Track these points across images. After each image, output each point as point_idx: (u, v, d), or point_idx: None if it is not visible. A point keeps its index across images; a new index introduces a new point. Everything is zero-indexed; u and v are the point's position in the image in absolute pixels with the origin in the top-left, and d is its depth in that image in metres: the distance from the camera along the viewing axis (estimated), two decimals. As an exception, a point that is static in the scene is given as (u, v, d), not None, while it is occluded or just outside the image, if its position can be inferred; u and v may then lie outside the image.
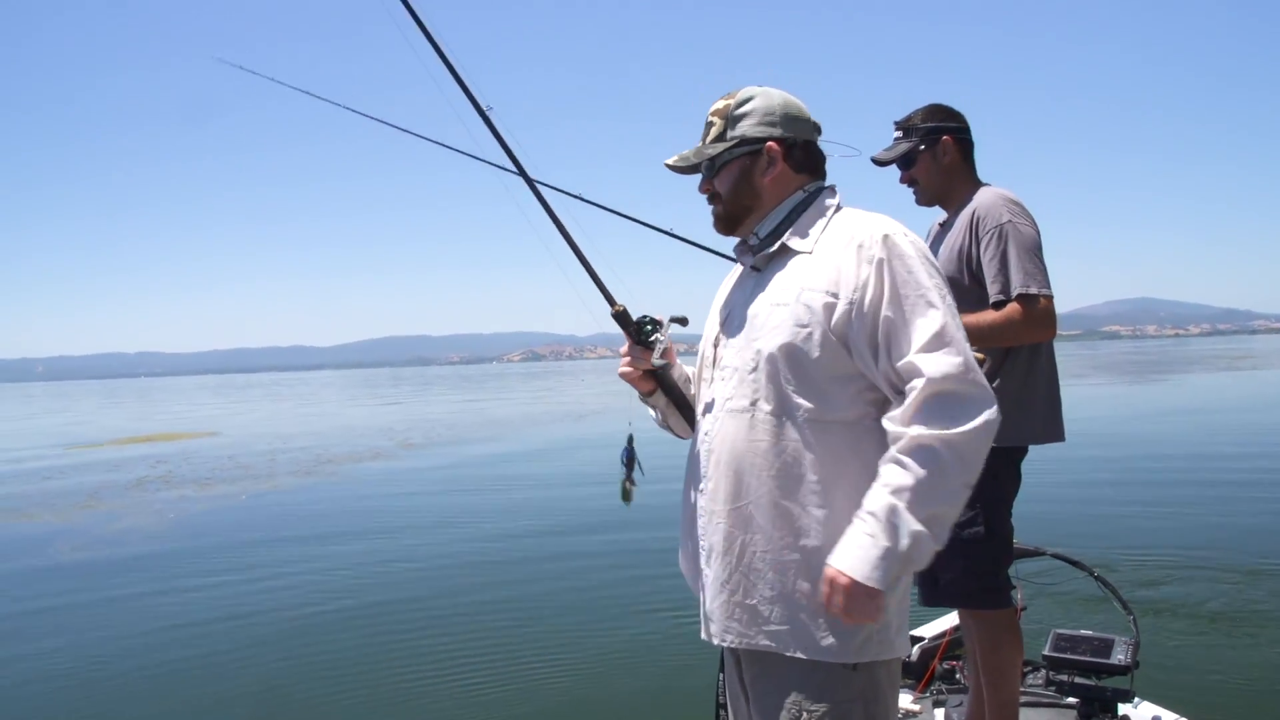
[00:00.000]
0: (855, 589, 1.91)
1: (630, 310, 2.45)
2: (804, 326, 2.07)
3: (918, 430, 1.92)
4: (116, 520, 13.02)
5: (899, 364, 1.98)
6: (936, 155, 3.41)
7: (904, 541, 1.90)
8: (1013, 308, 3.18)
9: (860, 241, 2.08)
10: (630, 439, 2.51)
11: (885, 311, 2.01)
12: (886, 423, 1.98)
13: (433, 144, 3.31)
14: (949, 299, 2.04)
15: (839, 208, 2.25)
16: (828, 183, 2.32)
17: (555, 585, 8.37)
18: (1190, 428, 20.36)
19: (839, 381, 2.06)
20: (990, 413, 1.94)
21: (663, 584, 7.80)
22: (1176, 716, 3.84)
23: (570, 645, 6.69)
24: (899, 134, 3.49)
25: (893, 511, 1.90)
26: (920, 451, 1.91)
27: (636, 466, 2.53)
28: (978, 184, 3.44)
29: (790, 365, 2.08)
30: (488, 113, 2.59)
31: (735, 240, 2.37)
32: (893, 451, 1.95)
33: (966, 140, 3.46)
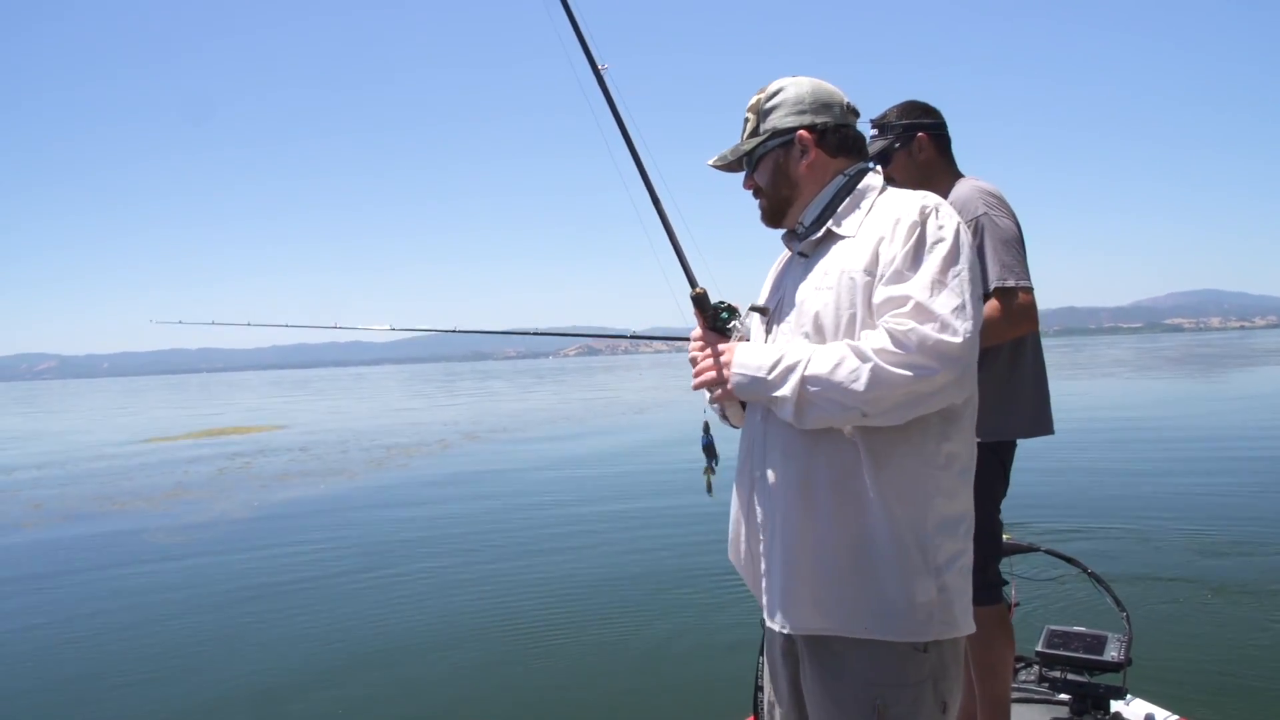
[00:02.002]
0: (722, 370, 2.17)
1: (710, 295, 2.40)
2: (848, 309, 2.08)
3: (873, 344, 1.96)
4: (205, 508, 13.76)
5: (904, 305, 1.99)
6: (912, 152, 3.39)
7: (777, 391, 2.04)
8: (991, 303, 3.12)
9: (898, 217, 2.08)
10: (706, 426, 2.45)
11: (903, 267, 2.03)
12: (877, 315, 2.03)
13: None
14: (970, 271, 2.04)
15: (884, 189, 2.24)
16: (871, 165, 2.33)
17: (605, 569, 8.86)
18: (1214, 421, 20.22)
19: None
20: (923, 382, 1.94)
21: (704, 566, 8.21)
22: (1168, 713, 3.85)
23: (612, 626, 7.07)
24: (874, 132, 3.46)
25: (792, 368, 2.02)
26: (855, 357, 1.96)
27: (716, 456, 2.46)
28: (957, 178, 3.41)
29: None
30: (602, 71, 2.56)
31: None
32: (849, 339, 2.03)
33: (942, 135, 3.42)
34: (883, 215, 2.12)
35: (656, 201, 2.47)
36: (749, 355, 2.11)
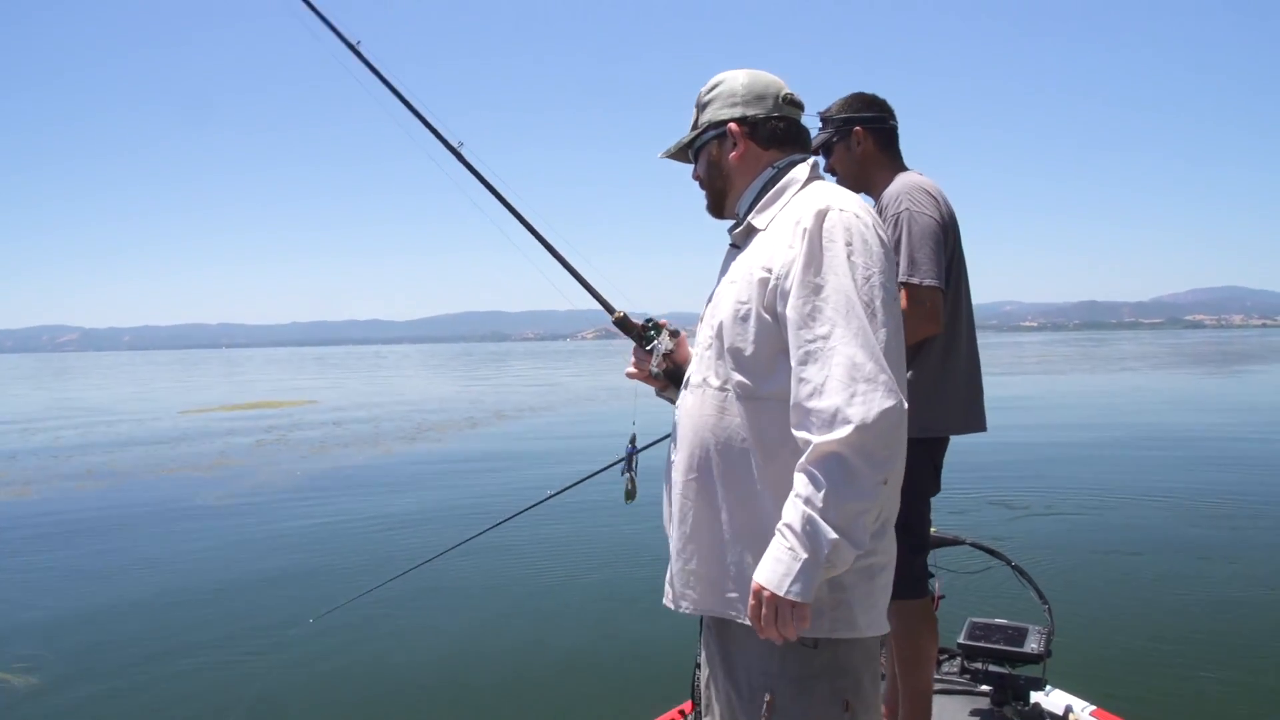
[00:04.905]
0: (778, 603, 1.90)
1: (631, 316, 2.55)
2: (744, 303, 2.07)
3: (818, 438, 1.88)
4: (250, 475, 14.48)
5: (794, 362, 1.97)
6: (850, 146, 3.37)
7: (822, 551, 1.86)
8: None
9: (799, 216, 2.05)
10: (633, 439, 2.54)
11: (794, 293, 1.98)
12: (794, 429, 1.95)
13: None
14: (862, 285, 1.97)
15: (808, 182, 2.21)
16: (805, 157, 2.28)
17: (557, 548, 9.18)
18: (1162, 419, 20.43)
19: (775, 358, 2.03)
20: (884, 404, 1.88)
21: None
22: (1086, 704, 3.89)
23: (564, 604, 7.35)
24: (821, 125, 3.45)
25: (808, 522, 1.87)
26: (826, 460, 1.87)
27: (635, 465, 2.54)
28: (899, 171, 3.37)
29: (730, 342, 2.09)
30: (459, 149, 2.70)
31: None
32: (802, 460, 1.91)
33: (883, 129, 3.39)
34: (792, 211, 2.10)
35: (561, 259, 2.69)
36: (775, 571, 1.92)
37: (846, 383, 1.88)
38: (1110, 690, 4.88)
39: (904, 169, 3.38)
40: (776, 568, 1.90)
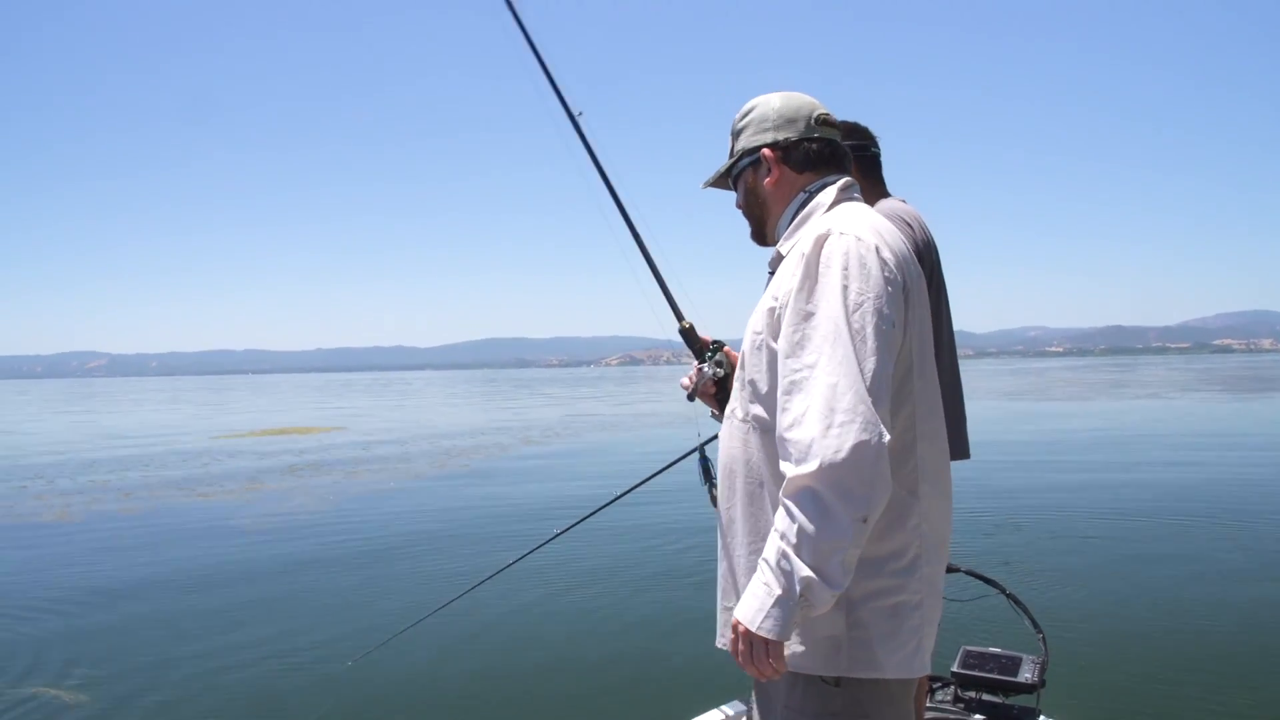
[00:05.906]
0: (752, 638, 1.87)
1: (698, 330, 2.54)
2: (759, 334, 2.04)
3: (793, 471, 1.82)
4: (286, 499, 14.65)
5: (779, 391, 1.93)
6: None
7: (795, 589, 1.81)
8: None
9: (802, 249, 2.00)
10: (702, 449, 2.49)
11: (786, 321, 1.95)
12: (780, 461, 1.90)
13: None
14: (853, 312, 1.89)
15: (834, 205, 2.14)
16: (836, 179, 2.20)
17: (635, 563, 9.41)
18: (1153, 448, 19.99)
19: None
20: (858, 438, 1.78)
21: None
22: None
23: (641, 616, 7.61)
24: None
25: (783, 558, 1.82)
26: (801, 494, 1.81)
27: (713, 478, 2.38)
28: (882, 198, 3.38)
29: (749, 374, 2.07)
30: (578, 118, 2.72)
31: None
32: (780, 493, 1.86)
33: (866, 157, 3.37)
34: (799, 242, 2.06)
35: (641, 244, 2.66)
36: (750, 606, 1.89)
37: (824, 414, 1.81)
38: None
39: (886, 195, 3.39)
40: (752, 603, 1.87)
